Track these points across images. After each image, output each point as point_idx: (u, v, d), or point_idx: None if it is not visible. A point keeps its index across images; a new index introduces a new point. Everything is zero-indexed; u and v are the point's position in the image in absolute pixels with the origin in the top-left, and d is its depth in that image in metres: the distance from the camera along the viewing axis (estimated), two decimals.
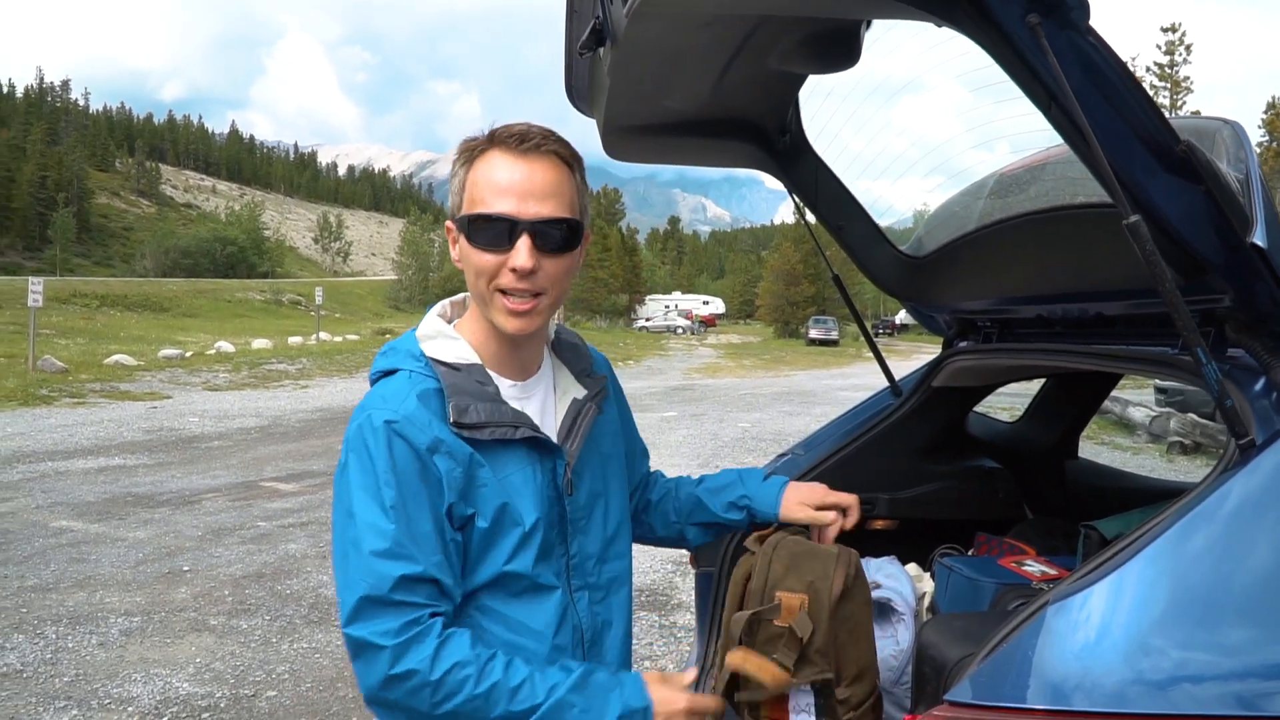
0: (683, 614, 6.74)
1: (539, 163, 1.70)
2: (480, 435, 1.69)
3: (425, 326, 1.85)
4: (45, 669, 5.56)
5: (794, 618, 1.87)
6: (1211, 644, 1.58)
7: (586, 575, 1.87)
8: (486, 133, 1.74)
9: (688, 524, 2.21)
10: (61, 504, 9.81)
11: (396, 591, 1.59)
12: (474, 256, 1.70)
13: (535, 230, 1.68)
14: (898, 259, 3.30)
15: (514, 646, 1.72)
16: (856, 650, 1.91)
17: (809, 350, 59.04)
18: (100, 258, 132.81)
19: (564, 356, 1.97)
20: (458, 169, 1.76)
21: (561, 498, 1.80)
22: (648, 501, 2.24)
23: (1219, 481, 1.73)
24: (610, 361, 2.18)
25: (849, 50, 2.26)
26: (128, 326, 48.12)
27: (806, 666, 1.87)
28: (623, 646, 1.94)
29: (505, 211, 1.67)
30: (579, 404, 1.89)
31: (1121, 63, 1.67)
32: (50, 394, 19.12)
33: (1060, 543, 3.18)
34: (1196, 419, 15.40)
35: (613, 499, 1.96)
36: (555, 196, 1.71)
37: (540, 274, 1.69)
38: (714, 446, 14.87)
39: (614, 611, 1.92)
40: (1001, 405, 5.81)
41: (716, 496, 2.18)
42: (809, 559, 1.95)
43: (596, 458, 1.92)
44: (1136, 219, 1.64)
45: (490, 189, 1.69)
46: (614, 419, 2.05)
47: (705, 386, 28.61)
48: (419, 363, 1.77)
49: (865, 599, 1.96)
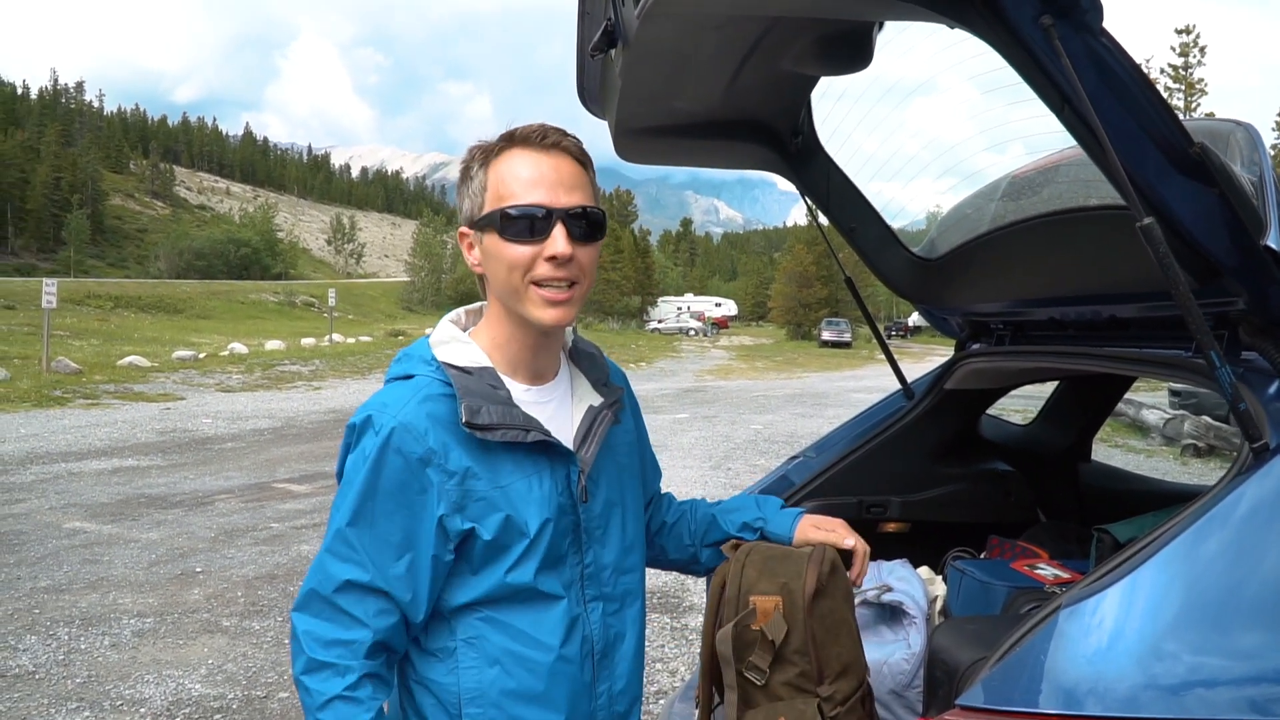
0: (694, 616, 6.73)
1: (560, 157, 1.73)
2: (491, 436, 1.68)
3: (439, 333, 1.85)
4: (58, 670, 5.58)
5: (768, 620, 1.87)
6: (1225, 649, 1.57)
7: (602, 586, 1.84)
8: (499, 136, 1.76)
9: (702, 545, 2.17)
10: (75, 505, 9.85)
11: (340, 595, 1.65)
12: (507, 251, 1.70)
13: (569, 218, 1.69)
14: (910, 261, 3.29)
15: (517, 657, 1.72)
16: (837, 646, 1.90)
17: (821, 352, 58.94)
18: (114, 259, 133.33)
19: (581, 364, 1.96)
20: (475, 172, 1.76)
21: (576, 506, 1.79)
22: (662, 523, 2.21)
23: (1232, 485, 1.73)
24: (623, 368, 2.16)
25: (861, 52, 2.25)
26: (141, 328, 48.33)
27: (785, 667, 1.87)
28: (634, 660, 1.91)
29: (539, 201, 1.68)
30: (595, 411, 1.87)
31: (1135, 64, 1.66)
32: (64, 395, 19.23)
33: (1073, 546, 3.17)
34: (1211, 421, 15.33)
35: (629, 510, 1.94)
36: (580, 188, 1.73)
37: (575, 262, 1.70)
38: (726, 448, 14.86)
39: (627, 624, 1.89)
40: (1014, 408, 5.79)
41: (731, 516, 2.15)
42: (781, 561, 1.94)
43: (613, 467, 1.91)
44: (1150, 221, 1.64)
45: (519, 183, 1.70)
46: (630, 430, 2.03)
47: (717, 388, 28.60)
48: (430, 366, 1.77)
49: (845, 594, 1.94)
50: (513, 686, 1.72)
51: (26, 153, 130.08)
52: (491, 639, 1.73)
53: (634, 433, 2.05)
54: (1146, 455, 15.07)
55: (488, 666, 1.72)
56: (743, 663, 1.89)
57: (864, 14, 2.05)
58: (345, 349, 36.78)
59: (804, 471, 3.26)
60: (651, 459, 2.21)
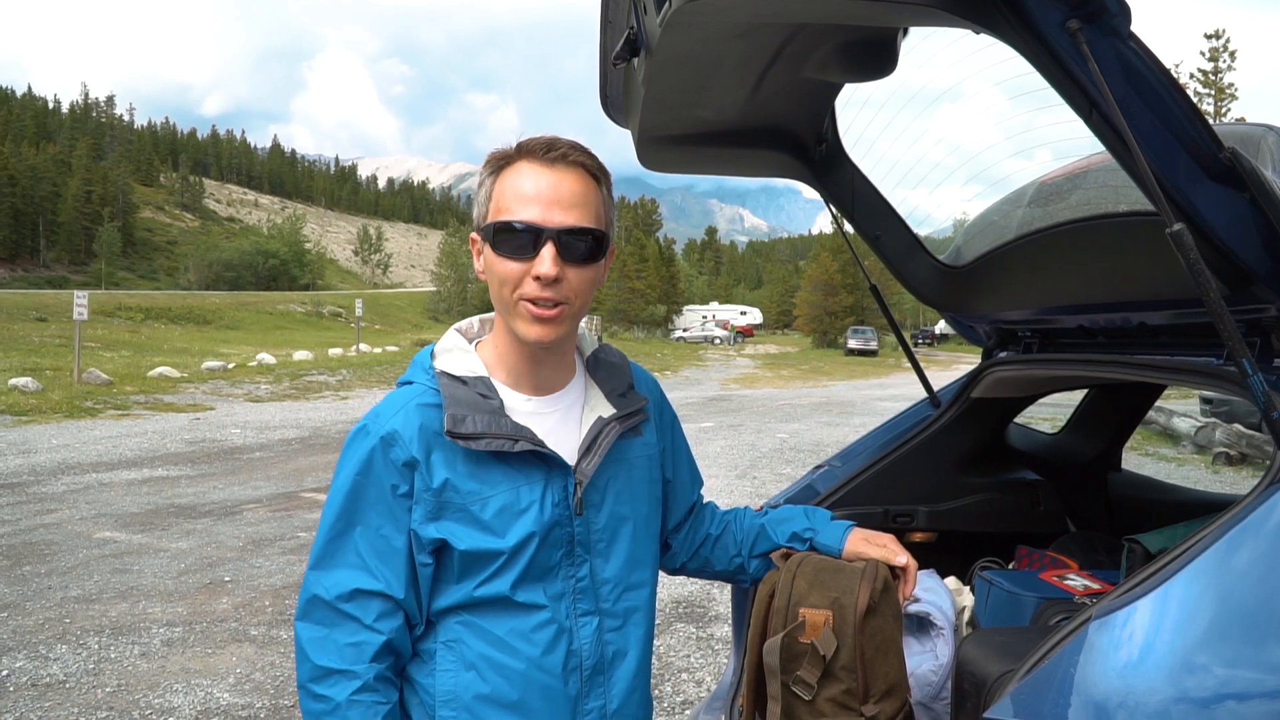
0: (719, 626, 6.70)
1: (565, 173, 1.70)
2: (477, 445, 1.68)
3: (443, 341, 1.87)
4: (88, 679, 5.61)
5: (818, 634, 1.85)
6: (1258, 661, 1.54)
7: (600, 600, 1.82)
8: (515, 145, 1.75)
9: (750, 556, 2.14)
10: (105, 515, 9.93)
11: (341, 601, 1.69)
12: (498, 265, 1.70)
13: (560, 239, 1.67)
14: (936, 269, 3.27)
15: (492, 662, 1.72)
16: (885, 666, 1.88)
17: (847, 360, 58.72)
18: (145, 271, 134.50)
19: (598, 374, 1.93)
20: (485, 179, 1.77)
21: (571, 518, 1.77)
22: (706, 535, 2.17)
23: (1265, 495, 1.69)
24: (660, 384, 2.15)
25: (886, 58, 2.24)
26: (171, 339, 48.74)
27: (832, 683, 1.85)
28: (635, 679, 1.86)
29: (530, 220, 1.66)
30: (603, 422, 1.84)
31: (1164, 68, 1.64)
32: (95, 406, 19.41)
33: (1103, 556, 3.13)
34: (1242, 429, 15.16)
35: (642, 525, 1.90)
36: (580, 207, 1.70)
37: (564, 283, 1.69)
38: (751, 457, 14.82)
39: (630, 642, 1.86)
40: (1043, 416, 5.74)
41: (780, 526, 2.12)
42: (833, 575, 1.92)
43: (624, 480, 1.87)
44: (1180, 227, 1.61)
45: (516, 198, 1.69)
46: (653, 444, 1.99)
47: (742, 397, 28.55)
48: (428, 375, 1.79)
49: (895, 614, 1.93)
50: (486, 691, 1.72)
51: (58, 166, 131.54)
52: (469, 643, 1.73)
53: (656, 445, 2.01)
54: (1178, 464, 14.92)
55: (463, 670, 1.73)
56: (789, 675, 1.87)
57: (888, 20, 2.03)
58: (372, 359, 36.95)
59: (829, 481, 3.23)
60: (689, 469, 2.17)
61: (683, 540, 2.16)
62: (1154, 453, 16.02)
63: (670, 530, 2.14)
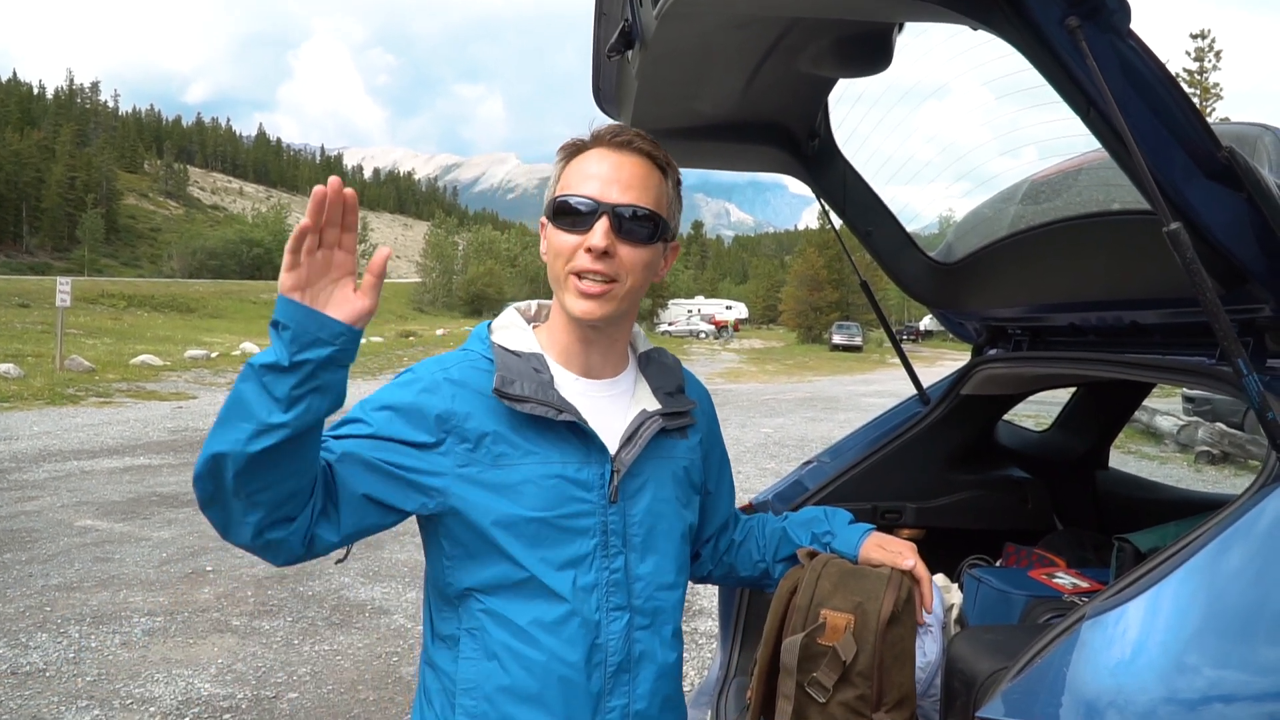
0: (703, 620, 6.71)
1: (629, 157, 1.75)
2: (521, 408, 1.69)
3: (500, 318, 1.90)
4: (68, 668, 5.58)
5: (839, 638, 1.84)
6: (1249, 663, 1.54)
7: (632, 597, 1.78)
8: (589, 134, 1.81)
9: (774, 561, 2.13)
10: (86, 503, 9.87)
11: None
12: (555, 238, 1.75)
13: (615, 213, 1.70)
14: (927, 265, 3.26)
15: (515, 653, 1.70)
16: (900, 675, 1.87)
17: (832, 356, 58.87)
18: (128, 258, 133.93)
19: (649, 371, 1.94)
20: (556, 165, 1.82)
21: (606, 506, 1.76)
22: (731, 541, 2.18)
23: (1259, 496, 1.69)
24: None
25: (881, 53, 2.23)
26: (154, 327, 48.44)
27: (847, 687, 1.84)
28: (660, 682, 1.83)
29: (589, 194, 1.71)
30: (646, 415, 1.84)
31: (1163, 67, 1.64)
32: (77, 393, 19.29)
33: (1091, 554, 3.13)
34: (1225, 429, 15.26)
35: (678, 526, 1.88)
36: (639, 188, 1.74)
37: (615, 260, 1.71)
38: (736, 451, 14.81)
39: (658, 644, 1.82)
40: (1027, 414, 5.75)
41: (800, 530, 2.12)
42: (857, 579, 1.91)
43: (667, 478, 1.87)
44: (1177, 226, 1.60)
45: (579, 177, 1.74)
46: (697, 449, 1.98)
47: (728, 391, 28.56)
48: (483, 344, 1.82)
49: (912, 624, 1.92)
50: (507, 683, 1.70)
51: (42, 152, 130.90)
52: (492, 632, 1.72)
53: (700, 451, 2.00)
54: (1160, 462, 15.01)
55: (485, 660, 1.71)
56: (804, 675, 1.86)
57: (885, 15, 2.02)
58: None
59: (818, 476, 3.23)
60: (729, 484, 2.17)
61: (711, 549, 2.17)
62: (1137, 451, 16.11)
63: (702, 540, 2.14)
